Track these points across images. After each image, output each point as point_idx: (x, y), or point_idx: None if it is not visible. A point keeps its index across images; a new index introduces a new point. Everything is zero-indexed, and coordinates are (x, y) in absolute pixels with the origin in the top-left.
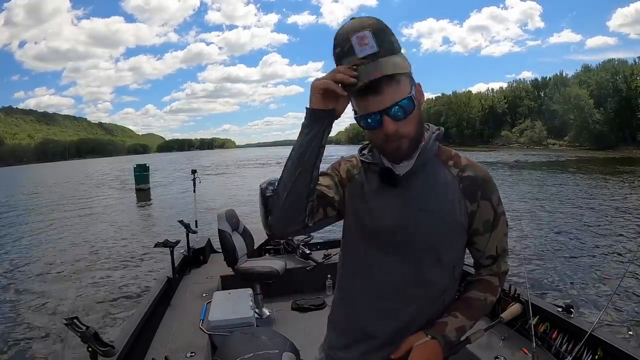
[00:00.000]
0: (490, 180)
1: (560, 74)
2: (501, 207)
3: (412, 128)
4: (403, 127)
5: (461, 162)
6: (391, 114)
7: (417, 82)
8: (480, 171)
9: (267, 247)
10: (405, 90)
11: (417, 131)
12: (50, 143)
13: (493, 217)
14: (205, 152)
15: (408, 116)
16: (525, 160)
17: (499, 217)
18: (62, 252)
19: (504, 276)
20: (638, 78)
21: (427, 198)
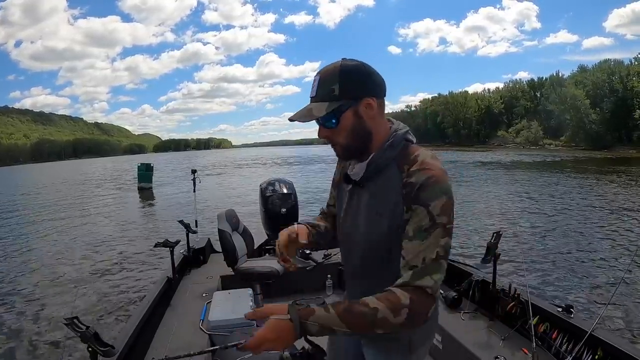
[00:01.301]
0: (433, 186)
1: (557, 74)
2: (443, 218)
3: (342, 138)
4: (334, 135)
5: (413, 167)
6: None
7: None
8: (423, 177)
9: (267, 247)
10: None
11: (348, 141)
12: (46, 143)
13: (428, 225)
14: (202, 152)
15: (332, 129)
16: (522, 161)
17: (436, 226)
18: (62, 251)
19: (422, 294)
20: (634, 78)
21: (380, 202)
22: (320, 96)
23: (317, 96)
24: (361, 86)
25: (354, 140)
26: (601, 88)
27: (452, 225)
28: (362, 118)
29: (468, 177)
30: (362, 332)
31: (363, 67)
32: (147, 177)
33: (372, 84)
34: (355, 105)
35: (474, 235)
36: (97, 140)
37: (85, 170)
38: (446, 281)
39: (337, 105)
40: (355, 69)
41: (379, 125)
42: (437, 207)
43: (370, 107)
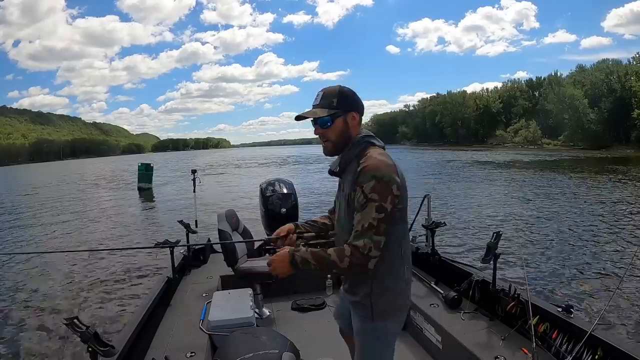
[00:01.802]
0: (367, 172)
1: (555, 74)
2: (374, 196)
3: (333, 136)
4: (327, 133)
5: (361, 161)
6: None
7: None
8: (362, 166)
9: (267, 247)
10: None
11: (337, 139)
12: (45, 143)
13: (364, 202)
14: (200, 152)
15: (326, 129)
16: (521, 160)
17: (368, 202)
18: (62, 251)
19: (355, 250)
20: (632, 78)
21: (347, 188)
22: (322, 104)
23: (320, 104)
24: (351, 104)
25: (340, 139)
26: (599, 88)
27: (388, 204)
28: (348, 125)
29: (467, 177)
30: (323, 269)
31: (353, 93)
32: (147, 177)
33: (358, 105)
34: (345, 115)
35: (474, 235)
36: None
37: (84, 171)
38: (446, 281)
39: (334, 112)
40: (349, 92)
41: (355, 132)
42: (368, 187)
43: (354, 119)
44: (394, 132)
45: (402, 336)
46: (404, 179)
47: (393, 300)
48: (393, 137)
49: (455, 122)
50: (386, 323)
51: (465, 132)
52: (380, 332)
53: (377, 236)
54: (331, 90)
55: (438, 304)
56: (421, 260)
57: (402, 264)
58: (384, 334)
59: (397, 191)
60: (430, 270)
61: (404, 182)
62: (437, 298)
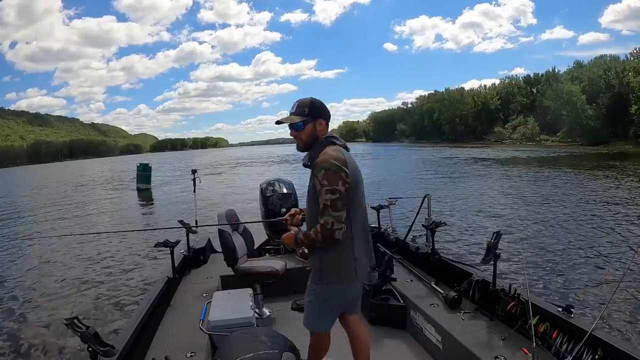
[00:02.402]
0: (318, 165)
1: (553, 70)
2: (325, 182)
3: (303, 137)
4: (299, 135)
5: (317, 157)
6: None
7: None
8: (317, 161)
9: (267, 247)
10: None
11: (306, 140)
12: (43, 144)
13: (320, 188)
14: (199, 152)
15: (299, 131)
16: (519, 157)
17: (322, 188)
18: (62, 252)
19: (321, 227)
20: (630, 74)
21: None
22: (297, 112)
23: (295, 112)
24: (319, 113)
25: (309, 139)
26: (597, 84)
27: (340, 187)
28: (316, 129)
29: (466, 175)
30: (310, 245)
31: (322, 104)
32: (146, 177)
33: (324, 114)
34: (314, 122)
35: (473, 235)
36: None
37: (82, 172)
38: (446, 281)
39: (305, 119)
40: (318, 103)
41: (321, 134)
42: (320, 176)
43: (321, 124)
44: (392, 129)
45: (402, 336)
46: (356, 170)
47: (338, 269)
48: (391, 134)
49: (453, 119)
50: (331, 288)
51: (464, 129)
52: (326, 294)
53: (336, 212)
54: (304, 102)
55: (438, 303)
56: (421, 260)
57: (351, 242)
58: (329, 297)
59: (347, 178)
60: (430, 270)
61: (354, 172)
62: (437, 298)
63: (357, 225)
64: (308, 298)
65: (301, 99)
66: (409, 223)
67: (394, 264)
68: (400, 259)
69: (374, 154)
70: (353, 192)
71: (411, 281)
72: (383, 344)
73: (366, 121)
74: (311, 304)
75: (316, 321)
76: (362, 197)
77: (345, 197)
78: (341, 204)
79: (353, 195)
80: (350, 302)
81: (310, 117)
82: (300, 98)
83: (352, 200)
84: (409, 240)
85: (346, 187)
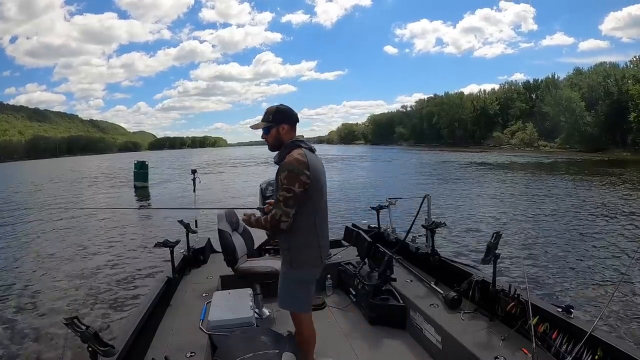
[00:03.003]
0: (283, 166)
1: (552, 76)
2: (285, 181)
3: (270, 140)
4: (267, 138)
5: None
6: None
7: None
8: (282, 163)
9: (267, 247)
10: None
11: (273, 142)
12: (41, 140)
13: (281, 185)
14: (197, 150)
15: (267, 135)
16: (518, 162)
17: (282, 186)
18: (61, 252)
19: (271, 217)
20: (629, 82)
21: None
22: (264, 119)
23: (263, 119)
24: (283, 118)
25: (274, 142)
26: (596, 91)
27: (296, 188)
28: (279, 133)
29: (465, 178)
30: (262, 228)
31: (285, 110)
32: (143, 175)
33: (288, 118)
34: (277, 126)
35: (473, 236)
36: (92, 137)
37: (80, 168)
38: (446, 281)
39: (270, 124)
40: (282, 109)
41: (287, 137)
42: (283, 176)
43: (284, 129)
44: (391, 132)
45: (402, 336)
46: (319, 169)
47: (305, 255)
48: (390, 137)
49: (453, 123)
50: (300, 271)
51: (462, 134)
52: (296, 276)
53: (286, 208)
54: (271, 109)
55: (438, 304)
56: (421, 260)
57: (315, 232)
58: (299, 279)
59: (306, 179)
60: (430, 271)
61: (316, 172)
62: (437, 298)
63: (321, 216)
64: (281, 282)
65: (269, 107)
66: (409, 223)
67: (394, 264)
68: (400, 259)
69: (372, 156)
70: (315, 188)
71: (411, 281)
72: (383, 344)
73: (365, 124)
74: (283, 286)
75: (290, 300)
76: (324, 192)
77: (298, 197)
78: (292, 202)
79: (315, 191)
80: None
81: (273, 123)
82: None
83: (315, 195)
84: (409, 241)
85: (303, 189)
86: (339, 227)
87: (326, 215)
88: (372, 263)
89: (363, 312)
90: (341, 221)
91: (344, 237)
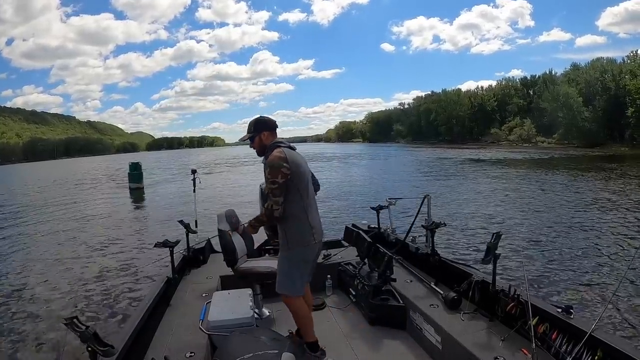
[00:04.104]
0: (266, 164)
1: (550, 72)
2: (269, 176)
3: (256, 147)
4: (253, 146)
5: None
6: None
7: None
8: (265, 162)
9: (267, 247)
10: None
11: (258, 149)
12: (39, 142)
13: (267, 180)
14: (195, 150)
15: (252, 143)
16: (516, 158)
17: (267, 180)
18: (61, 252)
19: (265, 208)
20: (626, 77)
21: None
22: (248, 130)
23: (247, 130)
24: (262, 127)
25: (260, 148)
26: (594, 86)
27: (279, 179)
28: (262, 139)
29: (464, 176)
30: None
31: (264, 120)
32: (137, 176)
33: (266, 126)
34: (258, 135)
35: (473, 236)
36: (89, 138)
37: (79, 170)
38: (446, 281)
39: (252, 135)
40: (260, 120)
41: (268, 141)
42: (266, 172)
43: (264, 135)
44: (388, 130)
45: (402, 336)
46: (298, 162)
47: (300, 236)
48: (388, 135)
49: (450, 120)
50: (296, 251)
51: (460, 130)
52: (293, 256)
53: (275, 197)
54: (251, 122)
55: (438, 304)
56: (421, 260)
57: (306, 214)
58: (295, 258)
59: (287, 171)
60: (430, 271)
61: (295, 164)
62: (437, 298)
63: (309, 200)
64: (279, 264)
65: (251, 120)
66: (409, 223)
67: (394, 264)
68: (400, 260)
69: (370, 154)
70: (297, 175)
71: (411, 282)
72: (383, 344)
73: (363, 121)
74: (282, 270)
75: (286, 283)
76: (308, 178)
77: (282, 187)
78: (279, 191)
79: (297, 179)
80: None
81: (255, 132)
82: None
83: (298, 183)
84: (409, 241)
85: (285, 179)
86: (339, 227)
87: (313, 198)
88: (372, 263)
89: (363, 312)
90: (341, 221)
91: (344, 237)
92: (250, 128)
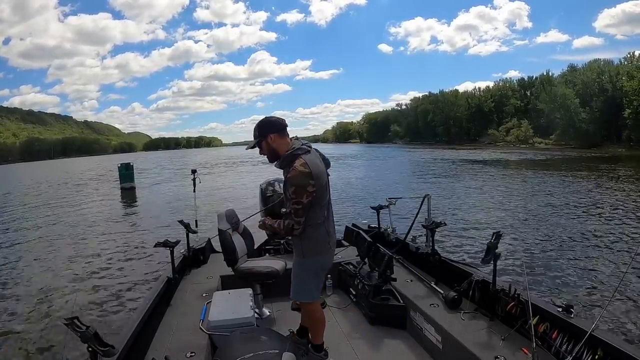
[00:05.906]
0: (288, 181)
1: (547, 73)
2: (294, 195)
3: (265, 153)
4: (262, 152)
5: (288, 174)
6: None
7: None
8: (287, 177)
9: (267, 247)
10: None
11: (268, 154)
12: (36, 142)
13: (290, 198)
14: (192, 151)
15: (261, 150)
16: (513, 159)
17: (291, 199)
18: (61, 252)
19: (286, 226)
20: (623, 78)
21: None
22: (254, 136)
23: (253, 136)
24: (266, 131)
25: (269, 153)
26: (591, 87)
27: (304, 199)
28: (269, 144)
29: (461, 176)
30: (275, 232)
31: (267, 122)
32: (129, 176)
33: (272, 128)
34: (265, 138)
35: (474, 235)
36: (86, 139)
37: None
38: (446, 281)
39: (258, 140)
40: (263, 123)
41: (279, 145)
42: (290, 191)
43: (272, 139)
44: (386, 130)
45: (402, 336)
46: (321, 173)
47: (314, 245)
48: (385, 135)
49: (448, 121)
50: (313, 259)
51: (458, 131)
52: (308, 264)
53: (297, 217)
54: (255, 126)
55: (438, 304)
56: (421, 260)
57: (323, 223)
58: (311, 266)
59: (312, 188)
60: (430, 270)
61: (318, 180)
62: (437, 298)
63: (329, 210)
64: (294, 272)
65: (255, 125)
66: (409, 223)
67: (394, 264)
68: (400, 259)
69: (368, 155)
70: (321, 189)
71: (411, 281)
72: (383, 344)
73: (360, 122)
74: (297, 277)
75: (303, 291)
76: (328, 190)
77: (307, 207)
78: (302, 212)
79: (320, 191)
80: (326, 271)
81: (260, 137)
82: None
83: (320, 195)
84: (409, 241)
85: (311, 198)
86: (339, 227)
87: (331, 206)
88: (372, 263)
89: (363, 312)
90: (341, 221)
91: (344, 237)
92: (254, 134)
